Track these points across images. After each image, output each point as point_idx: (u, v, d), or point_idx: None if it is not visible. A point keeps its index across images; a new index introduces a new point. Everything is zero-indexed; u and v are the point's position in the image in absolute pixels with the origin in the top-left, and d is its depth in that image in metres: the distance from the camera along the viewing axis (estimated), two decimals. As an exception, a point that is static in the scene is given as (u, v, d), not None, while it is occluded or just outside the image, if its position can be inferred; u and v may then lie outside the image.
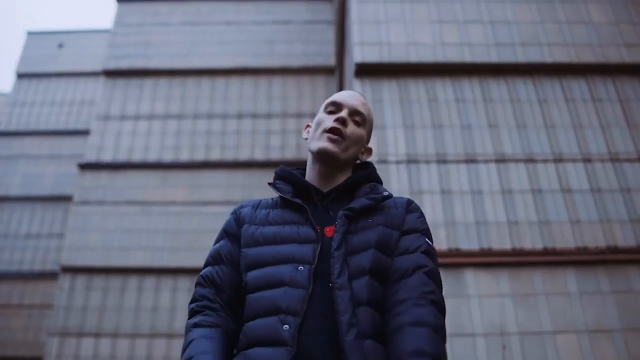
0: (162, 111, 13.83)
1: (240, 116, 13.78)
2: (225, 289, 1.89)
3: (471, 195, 6.88)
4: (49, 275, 16.77)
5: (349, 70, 8.77)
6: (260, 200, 2.08)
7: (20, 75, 20.79)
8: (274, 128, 13.70)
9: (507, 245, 6.55)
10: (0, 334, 16.50)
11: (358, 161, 2.12)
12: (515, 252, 6.49)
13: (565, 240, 6.58)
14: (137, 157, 13.22)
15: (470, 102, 7.59)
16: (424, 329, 1.68)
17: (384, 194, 1.98)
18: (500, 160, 7.16)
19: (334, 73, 13.95)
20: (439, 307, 1.76)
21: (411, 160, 7.08)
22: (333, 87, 13.97)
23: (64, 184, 18.41)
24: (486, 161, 7.14)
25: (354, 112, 2.03)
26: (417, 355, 1.62)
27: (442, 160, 7.12)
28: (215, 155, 13.21)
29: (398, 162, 7.03)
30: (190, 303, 1.92)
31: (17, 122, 19.91)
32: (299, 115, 13.90)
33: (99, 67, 20.00)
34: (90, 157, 13.23)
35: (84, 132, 18.92)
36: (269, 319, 1.73)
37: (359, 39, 7.92)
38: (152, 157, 13.15)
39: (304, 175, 2.10)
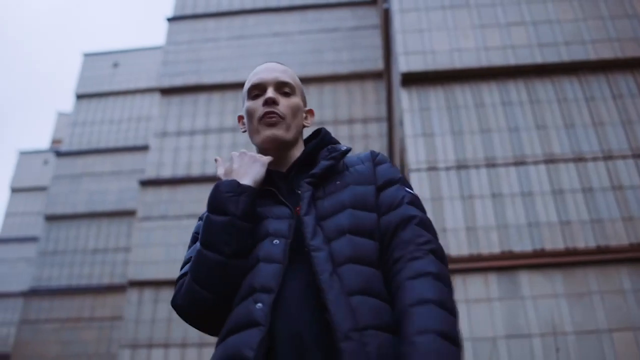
0: (216, 125, 14.23)
1: (292, 125, 14.08)
2: None
3: (521, 197, 6.99)
4: (117, 288, 17.39)
5: (396, 79, 8.95)
6: None
7: (80, 96, 21.56)
8: (326, 135, 13.96)
9: (560, 245, 6.65)
10: (73, 347, 17.19)
11: (305, 127, 2.02)
12: (568, 252, 6.58)
13: (618, 237, 6.64)
14: (196, 171, 13.63)
15: (516, 104, 7.69)
16: (424, 278, 1.57)
17: (342, 149, 1.90)
18: (550, 160, 7.24)
19: (383, 77, 14.12)
20: (438, 256, 1.66)
21: (461, 166, 7.23)
22: (382, 91, 14.14)
23: (126, 199, 19.06)
24: (535, 162, 7.24)
25: (279, 85, 1.93)
26: (418, 304, 1.52)
27: (491, 164, 7.25)
28: (270, 165, 13.52)
29: (448, 169, 7.19)
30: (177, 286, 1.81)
31: (79, 142, 20.67)
32: (351, 121, 14.12)
33: (153, 84, 20.66)
34: (151, 173, 13.70)
35: (143, 148, 19.53)
36: (243, 302, 1.62)
37: (403, 48, 8.09)
38: (209, 170, 13.54)
39: None
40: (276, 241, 1.67)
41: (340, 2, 16.16)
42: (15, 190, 25.87)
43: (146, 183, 13.53)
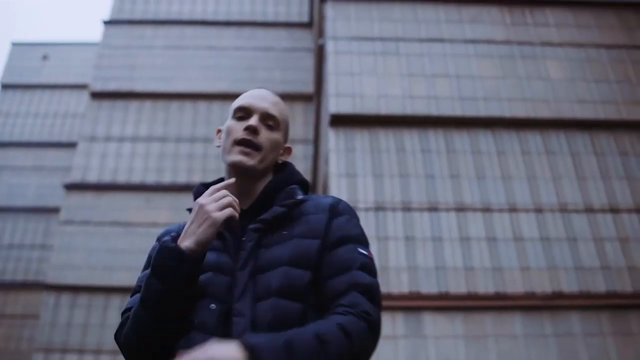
0: (146, 134, 14.40)
1: (221, 140, 14.41)
2: None
3: (432, 242, 7.58)
4: (30, 286, 17.25)
5: (325, 117, 9.42)
6: (183, 225, 1.90)
7: (5, 86, 21.23)
8: (253, 153, 14.34)
9: (463, 289, 7.26)
10: (-20, 342, 16.96)
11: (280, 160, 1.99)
12: (470, 296, 7.20)
13: (514, 285, 7.31)
14: (122, 178, 13.78)
15: (434, 152, 8.29)
16: (341, 317, 1.58)
17: (298, 197, 1.84)
18: (460, 209, 7.87)
19: (312, 100, 14.60)
20: (371, 326, 1.60)
21: (379, 208, 7.77)
22: (311, 114, 14.61)
23: (47, 196, 18.88)
24: (447, 209, 7.85)
25: (265, 116, 1.90)
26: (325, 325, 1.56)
27: (407, 208, 7.81)
28: (197, 178, 13.79)
29: (367, 210, 7.71)
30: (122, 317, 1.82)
31: (1, 133, 20.35)
32: (295, 142, 14.53)
33: (82, 80, 20.56)
34: (76, 177, 13.76)
35: (68, 145, 19.40)
36: None
37: (334, 90, 8.59)
38: (136, 178, 13.72)
39: None
40: (212, 306, 1.64)
41: (277, 21, 16.59)
42: None
43: (71, 187, 13.60)
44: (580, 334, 7.06)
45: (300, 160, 14.20)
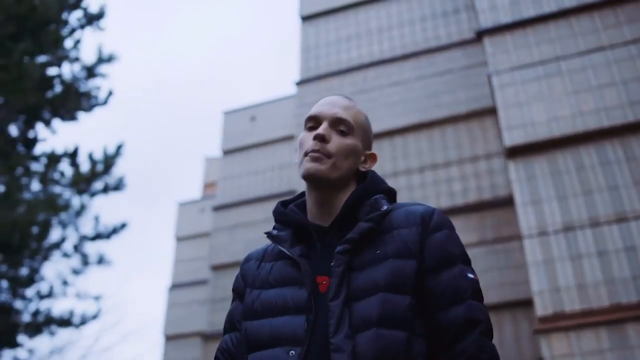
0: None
1: (421, 169, 15.38)
2: (242, 358, 1.68)
3: (625, 252, 7.97)
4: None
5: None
6: (266, 248, 1.86)
7: (225, 152, 23.86)
8: (453, 175, 15.13)
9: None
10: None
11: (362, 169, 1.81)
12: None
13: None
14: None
15: (614, 163, 8.62)
16: None
17: (383, 208, 1.67)
18: (648, 214, 8.18)
19: (499, 112, 15.11)
20: None
21: (567, 228, 8.30)
22: (500, 126, 15.11)
23: (280, 244, 20.93)
24: (636, 218, 8.17)
25: (335, 122, 1.75)
26: None
27: (596, 224, 8.26)
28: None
29: (556, 232, 8.28)
30: None
31: (231, 195, 22.91)
32: (474, 159, 15.21)
33: (289, 132, 22.58)
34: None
35: (289, 193, 21.40)
36: None
37: (506, 123, 9.25)
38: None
39: (305, 205, 1.81)
40: (292, 352, 1.53)
41: (451, 42, 17.23)
42: (179, 239, 28.70)
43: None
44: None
45: (497, 173, 14.75)
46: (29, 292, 13.86)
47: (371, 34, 18.26)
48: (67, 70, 14.50)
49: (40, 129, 14.19)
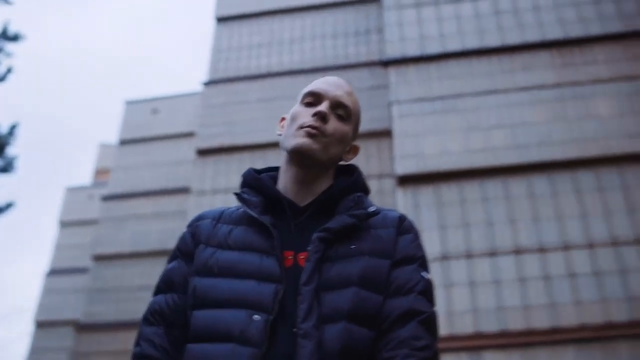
0: (248, 183, 15.88)
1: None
2: (177, 323, 1.61)
3: (493, 284, 8.57)
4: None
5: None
6: (223, 211, 1.79)
7: (123, 142, 23.51)
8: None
9: (520, 326, 8.22)
10: (123, 378, 18.99)
11: (342, 162, 1.81)
12: (527, 332, 8.15)
13: (568, 319, 8.20)
14: (230, 227, 15.30)
15: (492, 200, 9.24)
16: None
17: (370, 209, 1.68)
18: (517, 251, 8.81)
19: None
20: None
21: (444, 257, 8.83)
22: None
23: (167, 239, 20.85)
24: (505, 253, 8.80)
25: (336, 105, 1.72)
26: None
27: (469, 255, 8.83)
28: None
29: (433, 260, 8.79)
30: (135, 345, 1.64)
31: (123, 185, 22.58)
32: (367, 178, 15.68)
33: (190, 129, 22.50)
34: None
35: (183, 190, 21.33)
36: None
37: (400, 152, 9.72)
38: (242, 226, 15.20)
39: (277, 180, 1.78)
40: (256, 317, 1.48)
41: (359, 62, 17.72)
42: (64, 224, 27.96)
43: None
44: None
45: (387, 194, 15.30)
46: None
47: (283, 44, 18.51)
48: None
49: None
